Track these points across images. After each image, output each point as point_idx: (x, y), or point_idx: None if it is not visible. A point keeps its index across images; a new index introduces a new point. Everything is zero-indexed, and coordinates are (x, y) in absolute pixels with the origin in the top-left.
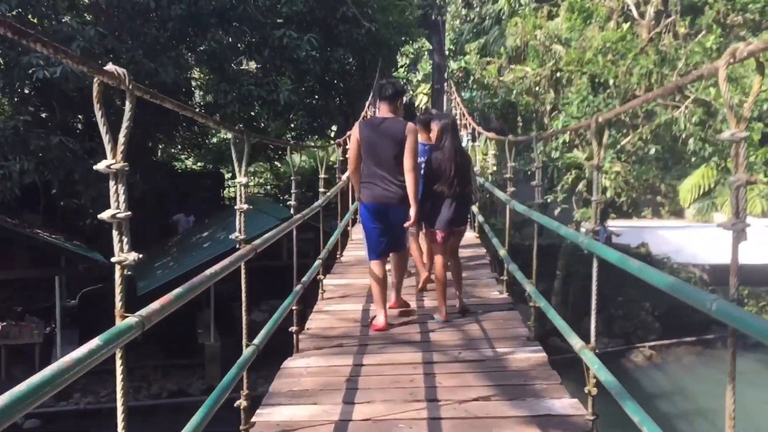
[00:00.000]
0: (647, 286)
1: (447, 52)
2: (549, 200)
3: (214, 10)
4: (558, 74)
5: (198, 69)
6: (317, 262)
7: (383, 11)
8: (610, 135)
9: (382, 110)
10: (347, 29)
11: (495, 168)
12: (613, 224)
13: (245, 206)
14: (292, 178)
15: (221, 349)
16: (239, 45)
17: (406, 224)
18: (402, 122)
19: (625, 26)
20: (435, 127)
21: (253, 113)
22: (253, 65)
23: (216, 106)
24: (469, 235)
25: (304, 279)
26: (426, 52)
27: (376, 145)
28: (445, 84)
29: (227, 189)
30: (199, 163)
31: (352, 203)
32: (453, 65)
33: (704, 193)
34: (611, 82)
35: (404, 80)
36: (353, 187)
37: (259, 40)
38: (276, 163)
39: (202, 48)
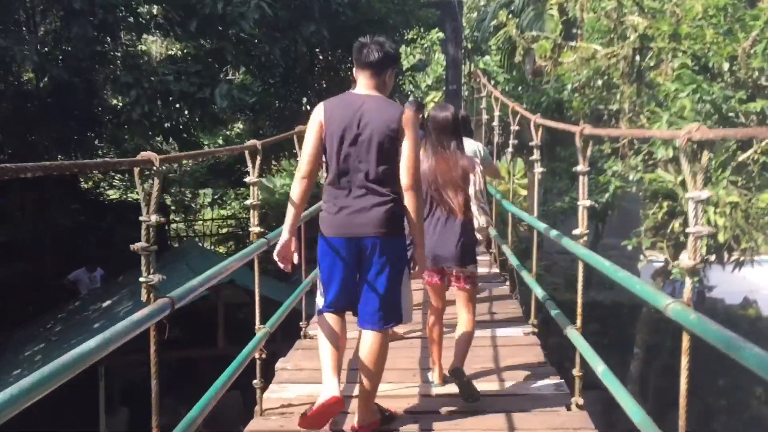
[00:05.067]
0: None
1: (463, 50)
2: (630, 247)
3: None
4: (638, 56)
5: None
6: None
7: None
8: (723, 148)
9: (363, 84)
10: None
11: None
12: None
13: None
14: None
15: None
16: (148, 17)
17: (412, 275)
18: (395, 106)
19: None
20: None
21: (182, 119)
22: (175, 49)
23: (122, 109)
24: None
25: None
26: (438, 44)
27: (352, 138)
28: (464, 85)
29: (175, 224)
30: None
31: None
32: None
33: None
34: (725, 66)
35: (409, 81)
36: (294, 213)
37: (183, 13)
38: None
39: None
